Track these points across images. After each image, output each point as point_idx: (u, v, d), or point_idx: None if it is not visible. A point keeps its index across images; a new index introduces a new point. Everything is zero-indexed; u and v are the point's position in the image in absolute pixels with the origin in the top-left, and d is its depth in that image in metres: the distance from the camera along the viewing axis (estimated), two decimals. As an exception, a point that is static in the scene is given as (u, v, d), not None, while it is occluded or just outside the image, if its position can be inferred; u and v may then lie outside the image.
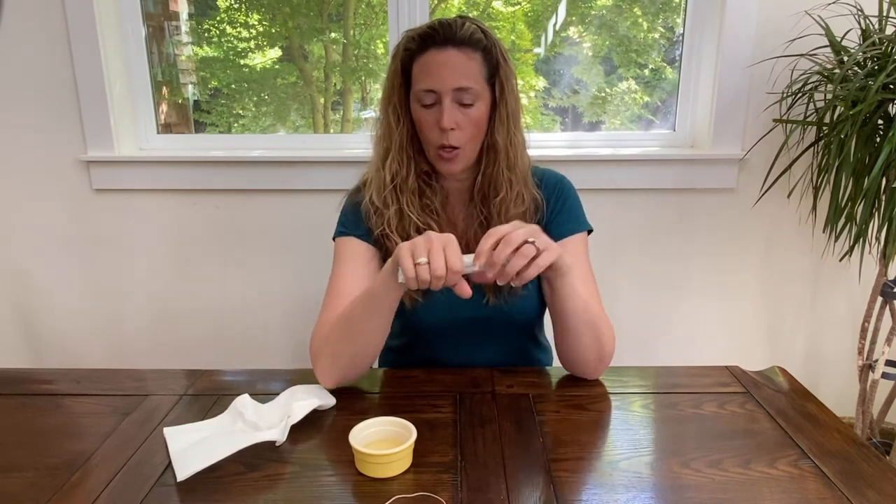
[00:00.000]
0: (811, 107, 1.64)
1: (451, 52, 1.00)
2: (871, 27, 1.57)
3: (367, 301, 0.95)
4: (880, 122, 1.53)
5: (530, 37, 2.05)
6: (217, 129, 2.13)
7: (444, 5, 2.02)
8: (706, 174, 1.85)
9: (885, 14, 1.58)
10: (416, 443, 0.79)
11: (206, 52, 2.08)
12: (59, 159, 1.89)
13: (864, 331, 1.69)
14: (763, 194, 1.77)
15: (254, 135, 2.10)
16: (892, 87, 1.47)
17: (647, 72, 2.02)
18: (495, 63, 1.03)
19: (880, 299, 1.66)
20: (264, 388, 1.00)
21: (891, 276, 1.66)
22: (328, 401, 0.94)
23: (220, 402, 0.95)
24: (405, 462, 0.78)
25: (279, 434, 0.83)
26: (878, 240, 1.60)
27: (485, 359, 1.11)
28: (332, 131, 2.14)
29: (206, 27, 2.06)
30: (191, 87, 2.12)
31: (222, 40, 2.07)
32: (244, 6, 2.04)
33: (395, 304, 0.95)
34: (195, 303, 2.01)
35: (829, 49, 1.61)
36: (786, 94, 1.66)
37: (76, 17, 1.76)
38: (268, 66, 2.10)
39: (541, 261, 0.83)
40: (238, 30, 2.07)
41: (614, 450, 0.83)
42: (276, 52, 2.09)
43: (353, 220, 1.10)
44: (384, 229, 1.06)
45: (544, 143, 1.96)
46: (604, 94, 2.05)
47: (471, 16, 1.08)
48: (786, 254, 1.91)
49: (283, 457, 0.82)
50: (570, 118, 2.11)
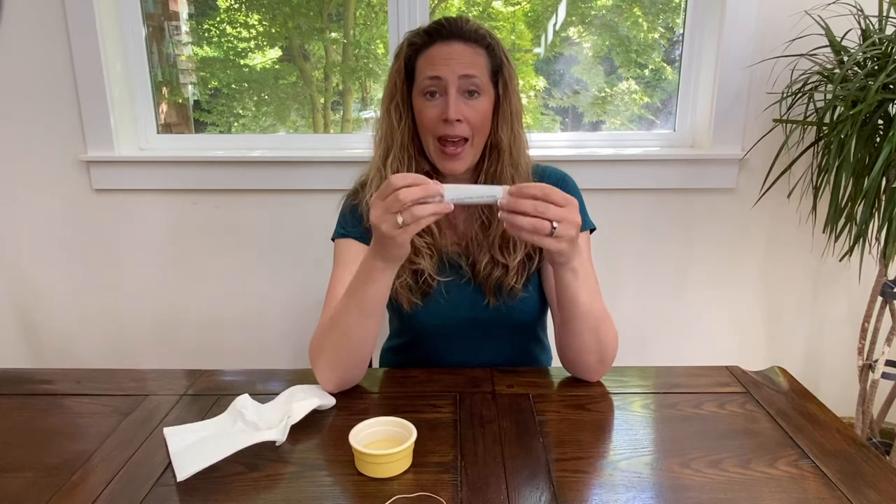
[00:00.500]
0: (811, 107, 1.64)
1: (457, 45, 1.00)
2: (871, 27, 1.57)
3: (353, 296, 0.93)
4: (880, 122, 1.53)
5: (530, 37, 2.05)
6: (217, 129, 2.13)
7: (443, 5, 2.02)
8: (706, 174, 1.85)
9: (885, 14, 1.58)
10: (416, 443, 0.79)
11: (206, 52, 2.08)
12: (59, 159, 1.89)
13: (864, 331, 1.69)
14: (763, 194, 1.77)
15: (254, 135, 2.10)
16: (892, 87, 1.47)
17: (647, 72, 2.02)
18: (499, 61, 1.04)
19: (880, 299, 1.66)
20: (264, 388, 1.00)
21: (891, 276, 1.66)
22: (328, 401, 0.94)
23: (220, 402, 0.95)
24: (405, 462, 0.78)
25: (279, 434, 0.83)
26: (878, 240, 1.60)
27: (485, 359, 1.11)
28: (332, 131, 2.14)
29: (206, 27, 2.06)
30: (191, 87, 2.11)
31: (222, 40, 2.07)
32: (244, 6, 2.04)
33: (381, 295, 0.91)
34: (195, 302, 2.01)
35: (829, 49, 1.61)
36: (786, 95, 1.66)
37: (76, 17, 1.76)
38: (268, 66, 2.10)
39: (545, 242, 0.82)
40: (238, 30, 2.07)
41: (614, 450, 0.83)
42: (276, 52, 2.09)
43: (352, 221, 1.09)
44: None
45: (545, 142, 1.97)
46: (604, 95, 2.05)
47: (470, 16, 1.08)
48: (786, 254, 1.91)
49: (283, 457, 0.82)
50: (571, 118, 2.11)
